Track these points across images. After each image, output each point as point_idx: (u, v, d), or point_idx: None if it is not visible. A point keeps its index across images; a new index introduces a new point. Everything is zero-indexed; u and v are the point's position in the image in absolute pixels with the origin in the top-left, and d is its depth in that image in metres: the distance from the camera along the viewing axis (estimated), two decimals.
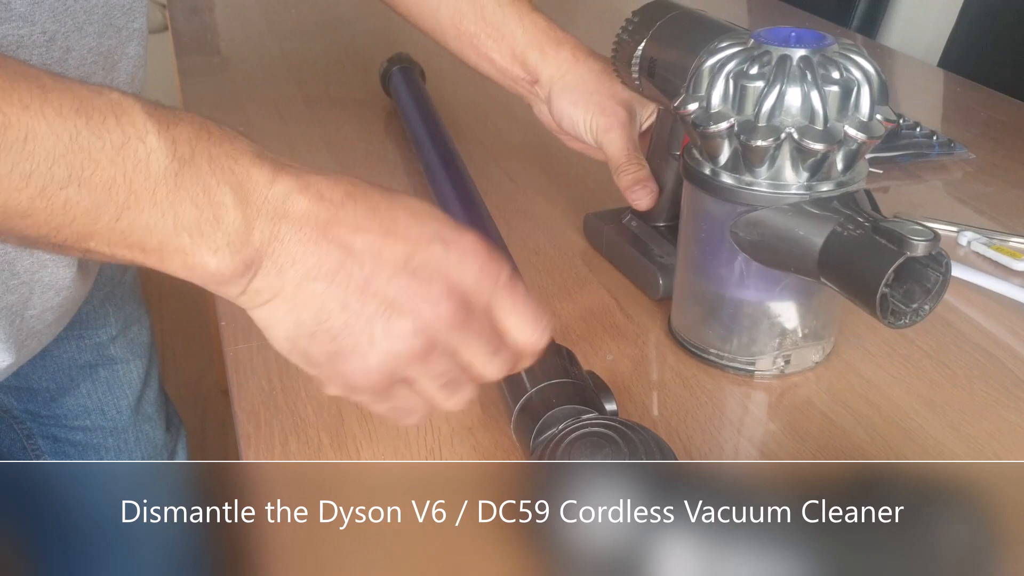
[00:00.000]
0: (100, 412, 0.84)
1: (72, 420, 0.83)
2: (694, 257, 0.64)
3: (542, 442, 0.49)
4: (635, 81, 0.71)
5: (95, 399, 0.84)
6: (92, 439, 0.85)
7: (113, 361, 0.84)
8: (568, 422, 0.50)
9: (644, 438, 0.48)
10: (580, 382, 0.55)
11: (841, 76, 0.56)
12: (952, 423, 0.60)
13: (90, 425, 0.84)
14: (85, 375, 0.83)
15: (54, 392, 0.81)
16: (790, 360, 0.63)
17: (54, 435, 0.84)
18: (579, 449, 0.47)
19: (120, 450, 0.87)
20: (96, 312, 0.81)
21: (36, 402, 0.82)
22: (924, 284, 0.55)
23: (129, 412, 0.86)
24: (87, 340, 0.81)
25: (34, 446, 0.83)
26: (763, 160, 0.57)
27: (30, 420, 0.82)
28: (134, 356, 0.86)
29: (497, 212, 0.80)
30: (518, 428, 0.54)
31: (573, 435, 0.48)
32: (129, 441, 0.87)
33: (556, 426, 0.50)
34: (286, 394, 0.61)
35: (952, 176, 0.95)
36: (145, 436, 0.89)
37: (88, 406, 0.84)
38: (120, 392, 0.85)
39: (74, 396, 0.83)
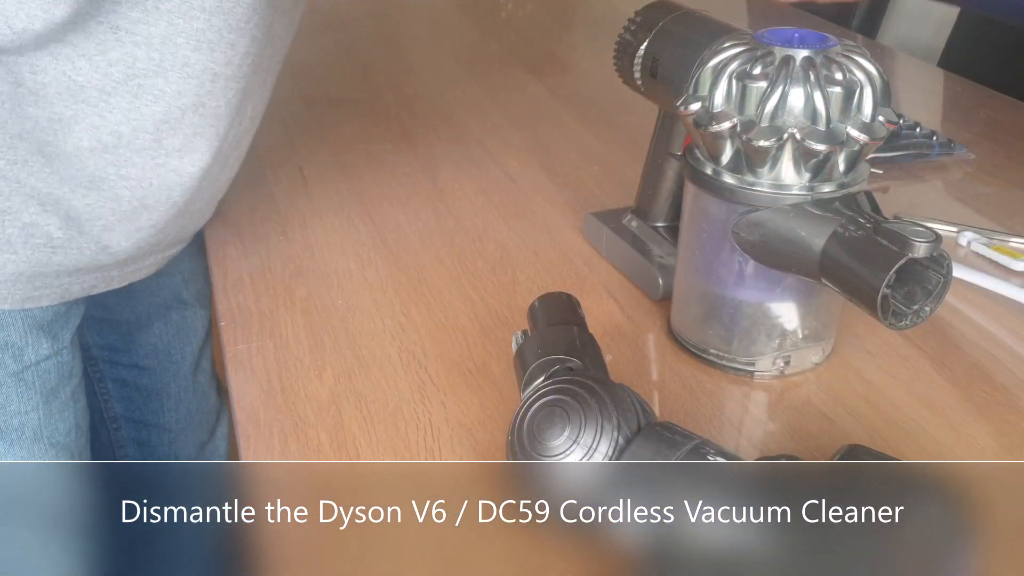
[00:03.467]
0: (168, 354, 0.91)
1: (142, 359, 0.90)
2: (695, 257, 0.63)
3: (524, 398, 0.49)
4: (637, 81, 0.71)
5: (165, 340, 0.91)
6: (157, 382, 0.92)
7: (184, 305, 0.91)
8: (544, 382, 0.49)
9: (622, 398, 0.47)
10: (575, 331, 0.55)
11: (844, 77, 0.56)
12: (952, 423, 0.60)
13: (157, 367, 0.91)
14: (160, 314, 0.89)
15: (132, 326, 0.89)
16: (790, 361, 0.63)
17: (123, 378, 0.91)
18: (546, 415, 0.47)
19: (180, 398, 0.94)
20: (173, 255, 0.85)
21: (115, 335, 0.89)
22: (925, 285, 0.55)
23: (192, 360, 0.93)
24: (164, 279, 0.87)
25: (103, 390, 0.91)
26: (765, 160, 0.57)
27: (103, 361, 0.90)
28: (200, 304, 0.93)
29: (497, 212, 0.80)
30: (516, 368, 0.55)
31: (545, 398, 0.47)
32: (188, 390, 0.94)
33: (539, 378, 0.50)
34: (286, 394, 0.61)
35: (952, 176, 0.95)
36: (202, 388, 0.95)
37: (158, 346, 0.91)
38: (186, 338, 0.92)
39: (147, 335, 0.90)
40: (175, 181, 0.63)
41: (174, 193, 0.64)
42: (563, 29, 1.31)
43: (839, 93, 0.56)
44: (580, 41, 1.27)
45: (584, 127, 0.67)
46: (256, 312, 0.70)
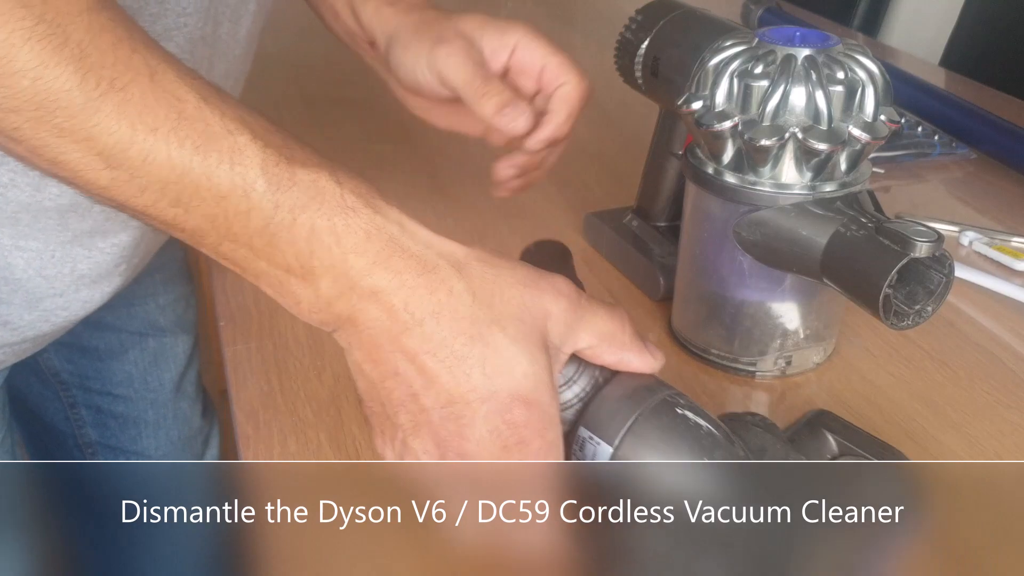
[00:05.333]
0: (143, 382, 0.86)
1: (116, 387, 0.86)
2: (696, 257, 0.63)
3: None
4: (638, 80, 0.71)
5: (141, 367, 0.86)
6: (133, 410, 0.87)
7: (163, 332, 0.87)
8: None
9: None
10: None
11: (846, 76, 0.56)
12: (953, 423, 0.60)
13: (133, 395, 0.87)
14: (134, 342, 0.85)
15: (103, 354, 0.84)
16: (791, 361, 0.63)
17: (97, 405, 0.86)
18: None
19: (159, 425, 0.89)
20: (146, 280, 0.82)
21: (86, 360, 0.84)
22: (927, 285, 0.55)
23: (171, 386, 0.88)
24: (136, 308, 0.83)
25: (77, 416, 0.86)
26: (767, 160, 0.57)
27: (76, 386, 0.85)
28: (182, 330, 0.88)
29: (497, 212, 0.80)
30: None
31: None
32: (168, 417, 0.89)
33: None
34: (285, 394, 0.61)
35: (953, 176, 0.95)
36: (183, 415, 0.90)
37: (133, 374, 0.86)
38: (165, 365, 0.87)
39: (122, 362, 0.85)
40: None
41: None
42: (563, 28, 1.31)
43: (841, 92, 0.56)
44: (580, 40, 1.27)
45: (584, 126, 0.67)
46: (256, 312, 0.70)
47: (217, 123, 0.39)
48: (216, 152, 0.38)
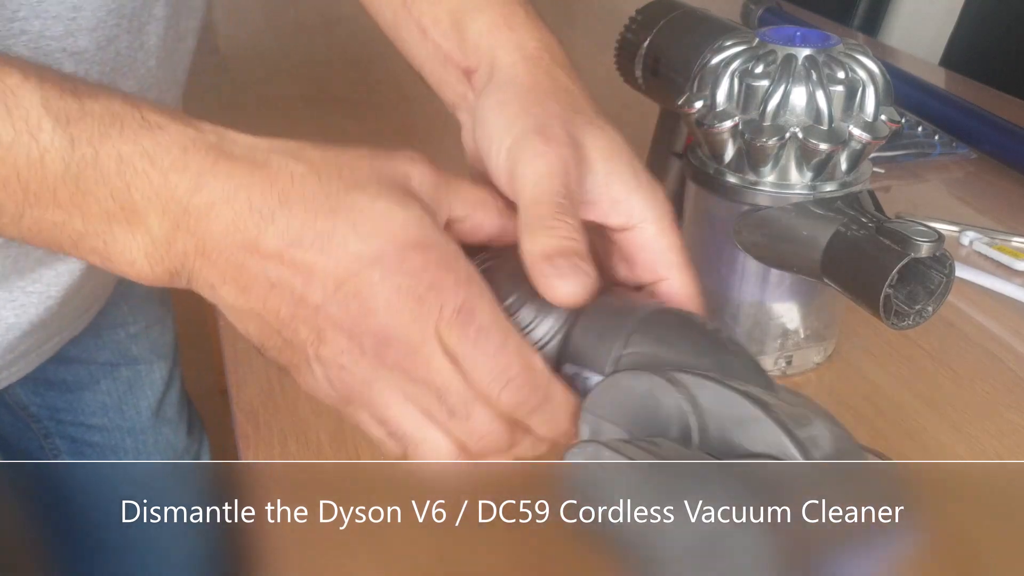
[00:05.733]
0: (119, 411, 0.82)
1: (90, 418, 0.81)
2: (696, 257, 0.63)
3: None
4: (639, 79, 0.71)
5: (115, 397, 0.81)
6: (110, 439, 0.83)
7: (136, 361, 0.82)
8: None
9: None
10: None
11: (846, 76, 0.56)
12: (954, 423, 0.60)
13: (108, 424, 0.82)
14: (105, 372, 0.80)
15: (71, 384, 0.79)
16: (792, 361, 0.63)
17: (71, 435, 0.81)
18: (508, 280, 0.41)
19: (139, 452, 0.85)
20: (111, 310, 0.79)
21: (54, 392, 0.79)
22: (928, 285, 0.55)
23: (149, 413, 0.83)
24: (104, 338, 0.79)
25: (51, 445, 0.81)
26: (767, 160, 0.57)
27: (47, 418, 0.80)
28: (157, 357, 0.83)
29: None
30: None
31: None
32: (148, 443, 0.85)
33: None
34: (285, 394, 0.61)
35: (954, 175, 0.95)
36: (164, 439, 0.86)
37: (107, 404, 0.81)
38: (141, 393, 0.82)
39: (93, 392, 0.80)
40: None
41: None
42: (563, 28, 1.31)
43: (841, 92, 0.56)
44: (581, 39, 1.27)
45: None
46: None
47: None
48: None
